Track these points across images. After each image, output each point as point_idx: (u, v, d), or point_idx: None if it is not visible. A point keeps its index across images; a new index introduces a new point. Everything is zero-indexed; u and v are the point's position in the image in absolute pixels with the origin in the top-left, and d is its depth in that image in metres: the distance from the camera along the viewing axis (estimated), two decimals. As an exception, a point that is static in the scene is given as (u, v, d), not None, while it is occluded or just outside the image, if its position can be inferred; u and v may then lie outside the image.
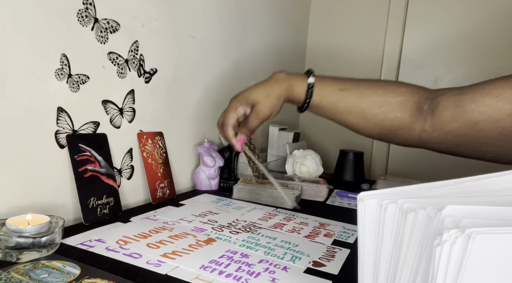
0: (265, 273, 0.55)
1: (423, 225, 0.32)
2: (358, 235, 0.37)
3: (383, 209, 0.35)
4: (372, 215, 0.36)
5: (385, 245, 0.35)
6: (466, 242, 0.27)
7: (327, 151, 1.88)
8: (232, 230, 0.73)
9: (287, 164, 1.29)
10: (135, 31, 0.83)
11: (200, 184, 1.05)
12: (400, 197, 0.35)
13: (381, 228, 0.36)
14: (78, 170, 0.70)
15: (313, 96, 0.70)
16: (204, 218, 0.79)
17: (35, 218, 0.56)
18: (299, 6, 1.78)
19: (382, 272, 0.36)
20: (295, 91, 0.71)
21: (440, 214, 0.31)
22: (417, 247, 0.33)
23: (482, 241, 0.27)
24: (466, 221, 0.29)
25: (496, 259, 0.28)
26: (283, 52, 1.67)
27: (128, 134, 0.85)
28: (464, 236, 0.27)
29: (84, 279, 0.48)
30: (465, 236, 0.27)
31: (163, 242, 0.64)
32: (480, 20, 1.60)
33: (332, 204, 1.02)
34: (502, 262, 0.28)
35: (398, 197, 0.35)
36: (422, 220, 0.32)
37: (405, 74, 1.75)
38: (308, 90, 0.70)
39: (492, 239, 0.27)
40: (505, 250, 0.27)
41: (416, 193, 0.35)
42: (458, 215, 0.30)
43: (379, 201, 0.35)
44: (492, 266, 0.28)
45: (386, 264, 0.36)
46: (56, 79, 0.67)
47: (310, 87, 0.70)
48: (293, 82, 0.71)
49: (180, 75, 1.00)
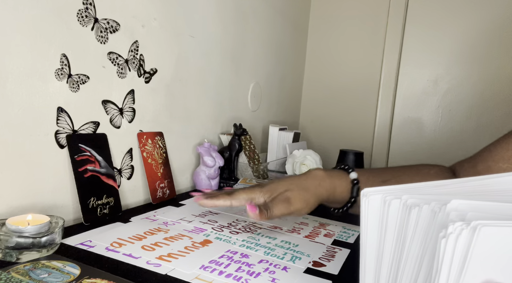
0: (265, 273, 0.55)
1: (427, 219, 0.32)
2: (361, 230, 0.37)
3: (387, 204, 0.35)
4: (376, 210, 0.36)
5: (388, 240, 0.36)
6: (472, 234, 0.27)
7: (327, 151, 1.88)
8: (232, 230, 0.73)
9: (287, 164, 1.29)
10: (135, 31, 0.83)
11: (200, 184, 1.05)
12: (404, 193, 0.35)
13: (385, 223, 0.36)
14: (78, 170, 0.70)
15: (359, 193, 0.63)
16: (204, 218, 0.79)
17: (35, 218, 0.56)
18: (299, 6, 1.78)
19: (384, 266, 0.36)
20: (338, 191, 0.64)
21: (445, 208, 0.31)
22: (421, 241, 0.33)
23: (487, 233, 0.27)
24: (471, 214, 0.29)
25: (501, 251, 0.28)
26: (283, 52, 1.67)
27: (128, 134, 0.85)
28: (470, 228, 0.28)
29: (84, 279, 0.48)
30: (470, 228, 0.27)
31: (163, 242, 0.63)
32: (480, 20, 1.60)
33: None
34: (506, 254, 0.28)
35: (402, 193, 0.35)
36: (427, 215, 0.33)
37: (405, 74, 1.75)
38: (354, 188, 0.64)
39: (497, 232, 0.28)
40: (509, 242, 0.28)
41: (421, 190, 0.36)
42: (463, 209, 0.30)
43: (383, 196, 0.36)
44: (496, 258, 0.28)
45: (389, 259, 0.36)
46: (56, 79, 0.67)
47: (355, 184, 0.64)
48: (334, 180, 0.64)
49: (180, 75, 1.00)
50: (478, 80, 1.63)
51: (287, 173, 1.28)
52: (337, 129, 1.92)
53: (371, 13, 1.79)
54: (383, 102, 1.79)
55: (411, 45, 1.73)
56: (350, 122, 1.88)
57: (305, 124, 2.00)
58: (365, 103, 1.84)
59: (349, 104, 1.88)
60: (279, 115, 1.73)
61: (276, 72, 1.62)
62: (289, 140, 1.42)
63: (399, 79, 1.77)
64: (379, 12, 1.77)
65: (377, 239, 0.37)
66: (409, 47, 1.73)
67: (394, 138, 1.80)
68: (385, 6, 1.75)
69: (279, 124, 1.52)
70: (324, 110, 1.94)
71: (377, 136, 1.82)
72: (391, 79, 1.76)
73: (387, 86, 1.78)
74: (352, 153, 1.38)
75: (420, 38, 1.71)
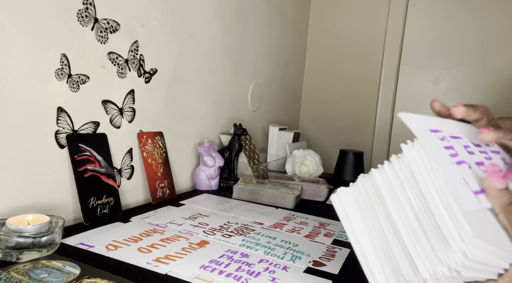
0: (265, 273, 0.55)
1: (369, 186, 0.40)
2: (344, 225, 0.41)
3: (340, 199, 0.43)
4: (338, 209, 0.43)
5: (358, 223, 0.40)
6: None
7: (327, 151, 1.88)
8: (224, 233, 0.73)
9: (287, 164, 1.29)
10: (135, 31, 0.83)
11: (200, 184, 1.05)
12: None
13: (348, 213, 0.42)
14: (78, 170, 0.70)
15: None
16: (194, 221, 0.77)
17: (35, 218, 0.56)
18: (299, 6, 1.78)
19: (378, 247, 0.38)
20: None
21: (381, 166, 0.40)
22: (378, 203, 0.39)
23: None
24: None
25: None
26: (283, 52, 1.67)
27: (128, 134, 0.85)
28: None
29: (84, 279, 0.48)
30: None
31: (160, 243, 0.64)
32: (480, 20, 1.60)
33: (332, 204, 1.01)
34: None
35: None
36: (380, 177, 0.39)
37: (405, 75, 1.75)
38: None
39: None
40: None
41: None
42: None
43: (336, 195, 0.44)
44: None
45: (378, 236, 0.38)
46: (56, 79, 0.67)
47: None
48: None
49: (180, 75, 1.00)
50: (478, 81, 1.63)
51: (287, 173, 1.28)
52: (337, 129, 1.92)
53: (371, 13, 1.79)
54: (383, 102, 1.79)
55: (411, 45, 1.72)
56: (350, 122, 1.88)
57: (305, 124, 2.00)
58: (365, 103, 1.84)
59: (349, 104, 1.88)
60: (279, 115, 1.73)
61: (276, 72, 1.62)
62: (289, 140, 1.42)
63: (399, 79, 1.77)
64: (379, 12, 1.77)
65: (362, 222, 0.40)
66: (409, 47, 1.73)
67: (394, 138, 1.80)
68: (385, 6, 1.75)
69: (279, 124, 1.52)
70: (324, 110, 1.94)
71: (377, 136, 1.82)
72: (391, 79, 1.76)
73: (387, 86, 1.78)
74: (352, 153, 1.38)
75: (420, 38, 1.71)
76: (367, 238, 0.39)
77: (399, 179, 0.37)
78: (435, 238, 0.33)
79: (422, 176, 0.35)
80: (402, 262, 0.35)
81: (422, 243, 0.34)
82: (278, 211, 0.90)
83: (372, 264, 0.38)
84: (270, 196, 0.96)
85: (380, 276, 0.37)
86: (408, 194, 0.36)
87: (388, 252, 0.37)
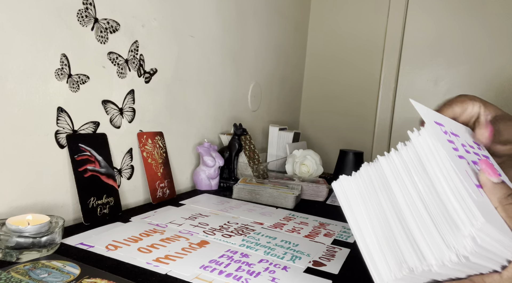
0: (265, 273, 0.55)
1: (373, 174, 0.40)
2: (345, 212, 0.40)
3: (343, 189, 0.41)
4: (340, 197, 0.41)
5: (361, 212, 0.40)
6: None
7: (327, 151, 1.88)
8: (225, 234, 0.73)
9: (287, 164, 1.29)
10: (135, 31, 0.83)
11: (200, 184, 1.05)
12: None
13: (350, 201, 0.40)
14: (78, 170, 0.70)
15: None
16: (194, 221, 0.78)
17: (35, 218, 0.56)
18: (299, 6, 1.78)
19: (381, 237, 0.38)
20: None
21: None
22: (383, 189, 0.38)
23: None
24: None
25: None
26: (283, 52, 1.67)
27: (128, 134, 0.85)
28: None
29: (84, 279, 0.48)
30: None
31: (160, 243, 0.64)
32: (480, 20, 1.60)
33: (332, 204, 1.02)
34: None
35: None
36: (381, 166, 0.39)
37: (405, 74, 1.75)
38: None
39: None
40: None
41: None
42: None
43: (337, 183, 0.42)
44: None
45: (381, 226, 0.38)
46: (56, 79, 0.67)
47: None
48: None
49: (180, 75, 1.00)
50: (478, 81, 1.63)
51: (287, 173, 1.28)
52: (337, 129, 1.92)
53: (371, 13, 1.79)
54: (383, 102, 1.79)
55: (411, 45, 1.73)
56: (350, 123, 1.88)
57: (305, 124, 2.00)
58: (365, 103, 1.84)
59: (349, 104, 1.88)
60: (279, 115, 1.73)
61: (276, 72, 1.62)
62: (289, 140, 1.42)
63: (399, 79, 1.77)
64: (379, 12, 1.77)
65: (355, 216, 0.40)
66: (409, 47, 1.73)
67: (394, 138, 1.80)
68: (385, 6, 1.75)
69: (279, 124, 1.52)
70: (324, 110, 1.94)
71: (377, 136, 1.82)
72: (391, 79, 1.76)
73: (387, 86, 1.78)
74: (352, 152, 1.38)
75: (420, 38, 1.71)
76: (368, 224, 0.39)
77: (406, 165, 0.36)
78: (443, 223, 0.32)
79: (429, 162, 0.35)
80: (405, 248, 0.35)
81: (429, 229, 0.33)
82: (278, 211, 0.90)
83: (373, 251, 0.38)
84: (270, 196, 0.96)
85: (381, 262, 0.37)
86: (415, 179, 0.35)
87: (390, 239, 0.36)
